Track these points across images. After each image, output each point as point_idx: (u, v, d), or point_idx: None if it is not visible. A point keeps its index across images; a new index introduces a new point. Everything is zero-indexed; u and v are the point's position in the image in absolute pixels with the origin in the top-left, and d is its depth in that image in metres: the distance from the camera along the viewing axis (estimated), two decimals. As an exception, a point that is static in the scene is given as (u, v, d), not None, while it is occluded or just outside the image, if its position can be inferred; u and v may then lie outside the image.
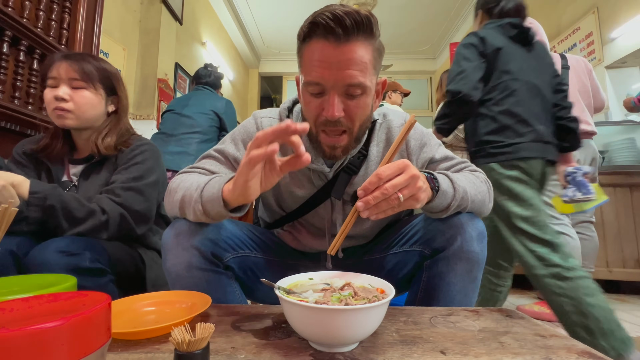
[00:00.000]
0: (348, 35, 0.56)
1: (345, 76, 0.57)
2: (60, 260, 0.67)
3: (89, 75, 0.85)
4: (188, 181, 0.62)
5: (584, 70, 1.77)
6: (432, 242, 0.67)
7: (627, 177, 2.04)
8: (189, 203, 0.58)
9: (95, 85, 0.87)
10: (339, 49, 0.56)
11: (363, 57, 0.58)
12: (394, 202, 0.50)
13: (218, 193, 0.54)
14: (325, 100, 0.60)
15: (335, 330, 0.38)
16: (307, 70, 0.60)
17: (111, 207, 0.81)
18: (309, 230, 0.80)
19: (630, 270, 1.99)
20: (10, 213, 0.54)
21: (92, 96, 0.87)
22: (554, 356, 0.40)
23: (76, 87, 0.85)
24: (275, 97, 7.53)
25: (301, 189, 0.74)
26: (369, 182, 0.50)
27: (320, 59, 0.58)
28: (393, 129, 0.75)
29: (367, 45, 0.58)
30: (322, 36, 0.57)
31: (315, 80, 0.59)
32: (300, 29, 0.60)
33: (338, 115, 0.59)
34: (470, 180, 0.65)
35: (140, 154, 0.91)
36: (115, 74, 0.93)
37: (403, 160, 0.51)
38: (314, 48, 0.59)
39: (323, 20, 0.55)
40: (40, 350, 0.20)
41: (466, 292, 0.64)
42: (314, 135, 0.66)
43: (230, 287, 0.67)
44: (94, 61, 0.88)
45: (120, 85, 0.93)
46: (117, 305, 0.51)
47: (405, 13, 4.69)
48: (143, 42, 2.92)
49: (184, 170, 0.69)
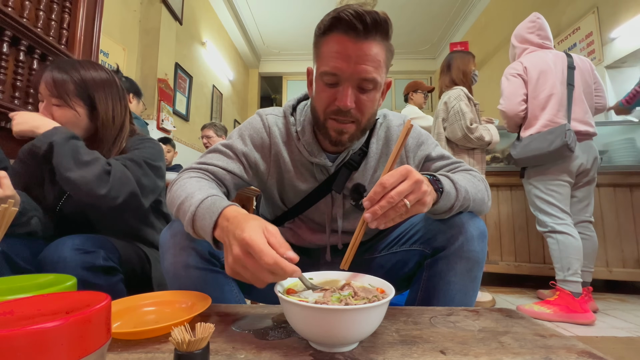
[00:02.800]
0: (367, 32, 0.59)
1: (361, 70, 0.60)
2: (76, 258, 0.68)
3: (62, 94, 0.82)
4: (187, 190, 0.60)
5: (589, 71, 1.76)
6: (433, 242, 0.67)
7: (627, 177, 2.04)
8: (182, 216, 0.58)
9: (71, 102, 0.83)
10: (357, 44, 0.59)
11: (378, 55, 0.61)
12: (401, 209, 0.50)
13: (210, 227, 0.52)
14: (339, 91, 0.62)
15: (335, 330, 0.38)
16: (325, 61, 0.62)
17: (116, 164, 0.80)
18: (309, 226, 0.81)
19: (630, 270, 1.99)
20: (10, 213, 0.54)
21: (69, 114, 0.84)
22: (553, 356, 0.40)
23: (55, 104, 0.83)
24: (275, 97, 7.53)
25: (304, 183, 0.76)
26: (374, 192, 0.50)
27: (339, 51, 0.60)
28: (392, 127, 0.77)
29: (382, 44, 0.61)
30: (343, 31, 0.60)
31: (332, 71, 0.61)
32: (320, 22, 0.63)
33: (350, 105, 0.62)
34: (469, 180, 0.66)
35: (145, 144, 0.92)
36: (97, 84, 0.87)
37: (405, 167, 0.51)
38: (334, 40, 0.61)
39: (346, 15, 0.58)
40: (40, 350, 0.20)
41: (466, 292, 0.65)
42: (322, 123, 0.67)
43: (228, 286, 0.67)
44: (74, 71, 0.84)
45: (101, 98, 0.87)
46: (117, 305, 0.51)
47: (405, 13, 4.69)
48: (143, 42, 2.92)
49: (191, 167, 0.69)
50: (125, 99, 0.94)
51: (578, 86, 1.71)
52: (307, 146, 0.72)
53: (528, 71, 1.77)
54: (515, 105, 1.78)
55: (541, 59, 1.76)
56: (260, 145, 0.74)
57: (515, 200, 2.26)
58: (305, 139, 0.72)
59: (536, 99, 1.75)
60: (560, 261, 1.63)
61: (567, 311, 1.54)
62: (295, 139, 0.73)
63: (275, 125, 0.75)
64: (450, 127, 1.87)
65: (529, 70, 1.77)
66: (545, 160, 1.69)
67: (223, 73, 4.80)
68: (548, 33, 1.85)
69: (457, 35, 5.15)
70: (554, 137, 1.62)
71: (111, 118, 0.89)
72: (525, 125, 1.79)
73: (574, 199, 1.77)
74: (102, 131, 0.88)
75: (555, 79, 1.71)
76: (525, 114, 1.79)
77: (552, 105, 1.69)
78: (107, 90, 0.89)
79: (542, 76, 1.73)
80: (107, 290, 0.75)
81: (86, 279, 0.69)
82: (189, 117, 3.68)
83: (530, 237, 2.20)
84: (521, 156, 1.75)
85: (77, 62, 0.88)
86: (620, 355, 1.15)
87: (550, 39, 1.86)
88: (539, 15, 1.85)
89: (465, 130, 1.81)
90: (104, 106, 0.88)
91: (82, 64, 0.87)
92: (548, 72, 1.72)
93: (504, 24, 3.89)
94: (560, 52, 1.79)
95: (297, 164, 0.75)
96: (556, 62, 1.74)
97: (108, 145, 0.89)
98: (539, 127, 1.72)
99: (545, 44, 1.83)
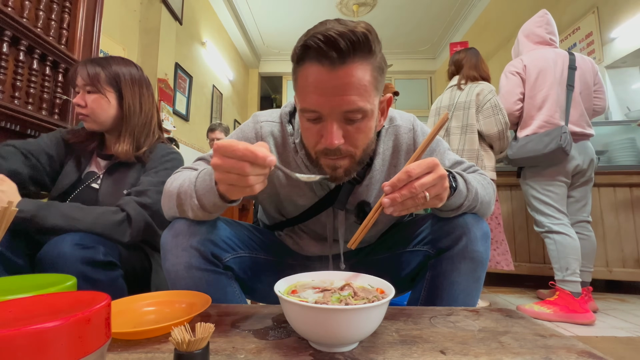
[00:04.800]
0: (344, 58, 0.51)
1: (343, 102, 0.53)
2: (76, 253, 0.69)
3: (94, 80, 0.88)
4: (180, 178, 0.62)
5: (590, 72, 1.74)
6: (437, 242, 0.67)
7: (627, 177, 2.04)
8: (185, 200, 0.58)
9: (102, 88, 0.89)
10: (333, 73, 0.52)
11: (362, 80, 0.53)
12: (420, 201, 0.50)
13: (211, 183, 0.54)
14: (324, 128, 0.56)
15: (335, 330, 0.38)
16: (302, 97, 0.56)
17: (136, 211, 0.82)
18: (311, 236, 0.79)
19: (630, 270, 1.99)
20: (10, 213, 0.54)
21: (100, 99, 0.90)
22: (553, 356, 0.40)
23: (89, 91, 0.89)
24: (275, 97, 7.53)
25: (302, 198, 0.72)
26: (398, 179, 0.49)
27: (314, 84, 0.53)
28: (401, 135, 0.71)
29: (365, 65, 0.53)
30: (315, 59, 0.52)
31: (310, 108, 0.55)
32: (293, 50, 0.56)
33: (337, 143, 0.56)
34: (479, 182, 0.65)
35: (169, 160, 0.95)
36: (125, 76, 0.93)
37: (433, 159, 0.51)
38: (308, 73, 0.54)
39: (314, 43, 0.50)
40: (40, 350, 0.20)
41: (469, 292, 0.65)
42: (314, 160, 0.63)
43: (230, 287, 0.66)
44: (107, 64, 0.91)
45: (127, 87, 0.93)
46: (117, 305, 0.51)
47: (405, 13, 4.69)
48: (143, 42, 2.91)
49: (176, 170, 0.69)
50: (153, 95, 1.00)
51: (577, 87, 1.70)
52: (306, 160, 0.67)
53: (527, 69, 1.76)
54: (510, 104, 1.77)
55: (542, 57, 1.74)
56: None
57: (515, 200, 2.26)
58: (303, 152, 0.67)
59: (533, 99, 1.73)
60: (558, 261, 1.63)
61: (567, 311, 1.54)
62: (293, 152, 0.68)
63: (270, 136, 0.70)
64: (485, 120, 1.77)
65: (528, 69, 1.76)
66: (541, 162, 1.69)
67: (223, 73, 4.80)
68: (554, 29, 1.84)
69: (457, 35, 5.14)
70: (549, 140, 1.61)
71: (138, 107, 0.95)
72: (521, 125, 1.79)
73: (571, 199, 1.77)
74: (129, 119, 0.93)
75: (554, 79, 1.70)
76: (520, 113, 1.78)
77: (549, 106, 1.68)
78: (135, 82, 0.95)
79: (541, 75, 1.72)
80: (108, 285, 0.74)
81: (86, 273, 0.69)
82: (189, 117, 3.68)
83: (530, 237, 2.20)
84: (517, 157, 1.74)
85: (110, 57, 0.95)
86: (620, 355, 1.15)
87: (556, 35, 1.84)
88: (547, 11, 1.86)
89: (504, 126, 1.73)
90: (130, 95, 0.94)
91: (114, 59, 0.94)
92: (547, 71, 1.71)
93: (504, 24, 3.89)
94: (563, 51, 1.76)
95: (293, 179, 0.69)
96: (557, 62, 1.72)
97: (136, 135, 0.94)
98: (534, 127, 1.71)
99: (552, 39, 1.82)
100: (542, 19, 1.83)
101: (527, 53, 1.82)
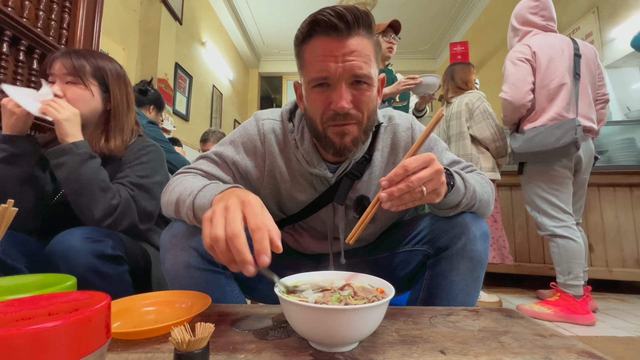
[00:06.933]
0: (350, 29, 0.56)
1: (352, 66, 0.57)
2: (86, 246, 0.70)
3: (79, 71, 0.85)
4: (183, 185, 0.62)
5: (593, 59, 1.62)
6: (436, 242, 0.67)
7: (627, 177, 2.04)
8: (182, 208, 0.59)
9: (86, 81, 0.86)
10: (342, 42, 0.57)
11: (366, 49, 0.58)
12: (417, 195, 0.50)
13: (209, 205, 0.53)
14: (333, 93, 0.59)
15: (335, 330, 0.38)
16: (311, 67, 0.59)
17: (125, 196, 0.82)
18: (311, 234, 0.80)
19: (630, 270, 1.99)
20: (10, 213, 0.54)
21: (82, 92, 0.86)
22: (553, 356, 0.40)
23: (69, 82, 0.85)
24: (275, 97, 7.53)
25: (303, 194, 0.73)
26: (395, 173, 0.50)
27: (324, 53, 0.58)
28: (399, 133, 0.73)
29: (368, 39, 0.59)
30: (323, 33, 0.57)
31: (321, 75, 0.58)
32: (298, 31, 0.61)
33: (347, 106, 0.58)
34: (477, 181, 0.66)
35: (146, 154, 0.92)
36: (111, 71, 0.91)
37: (429, 154, 0.51)
38: (316, 45, 0.58)
39: (324, 17, 0.56)
40: (40, 350, 0.20)
41: (468, 291, 0.65)
42: (322, 133, 0.63)
43: (229, 287, 0.66)
44: (91, 57, 0.88)
45: (115, 83, 0.91)
46: (117, 305, 0.51)
47: (405, 13, 4.69)
48: (143, 42, 2.91)
49: (181, 170, 0.69)
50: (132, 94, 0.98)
51: (584, 76, 1.57)
52: (306, 155, 0.68)
53: (537, 57, 1.59)
54: (522, 94, 1.57)
55: (548, 43, 1.60)
56: (253, 153, 0.71)
57: (515, 199, 2.26)
58: (304, 147, 0.68)
59: (545, 89, 1.56)
60: (560, 265, 1.59)
61: (568, 312, 1.53)
62: (294, 147, 0.70)
63: (271, 132, 0.71)
64: (477, 126, 1.88)
65: (538, 56, 1.59)
66: (549, 157, 1.55)
67: (223, 73, 4.80)
68: (552, 14, 1.68)
69: (457, 35, 5.14)
70: (562, 133, 1.47)
71: (126, 104, 0.94)
72: (530, 118, 1.61)
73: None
74: (119, 115, 0.92)
75: (564, 67, 1.55)
76: (531, 105, 1.61)
77: (562, 97, 1.53)
78: (121, 79, 0.93)
79: (551, 63, 1.56)
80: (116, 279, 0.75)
81: (96, 266, 0.70)
82: (188, 117, 3.68)
83: (530, 237, 2.20)
84: (523, 150, 1.59)
85: (91, 50, 0.93)
86: (620, 355, 1.15)
87: (554, 20, 1.70)
88: None
89: (495, 128, 1.83)
90: (118, 92, 0.92)
91: (96, 53, 0.92)
92: (557, 59, 1.56)
93: (504, 24, 3.86)
94: (566, 37, 1.63)
95: (294, 174, 0.71)
96: (564, 49, 1.58)
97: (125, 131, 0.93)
98: (545, 120, 1.55)
99: (550, 25, 1.67)
100: (537, 5, 1.67)
101: (529, 38, 1.67)
